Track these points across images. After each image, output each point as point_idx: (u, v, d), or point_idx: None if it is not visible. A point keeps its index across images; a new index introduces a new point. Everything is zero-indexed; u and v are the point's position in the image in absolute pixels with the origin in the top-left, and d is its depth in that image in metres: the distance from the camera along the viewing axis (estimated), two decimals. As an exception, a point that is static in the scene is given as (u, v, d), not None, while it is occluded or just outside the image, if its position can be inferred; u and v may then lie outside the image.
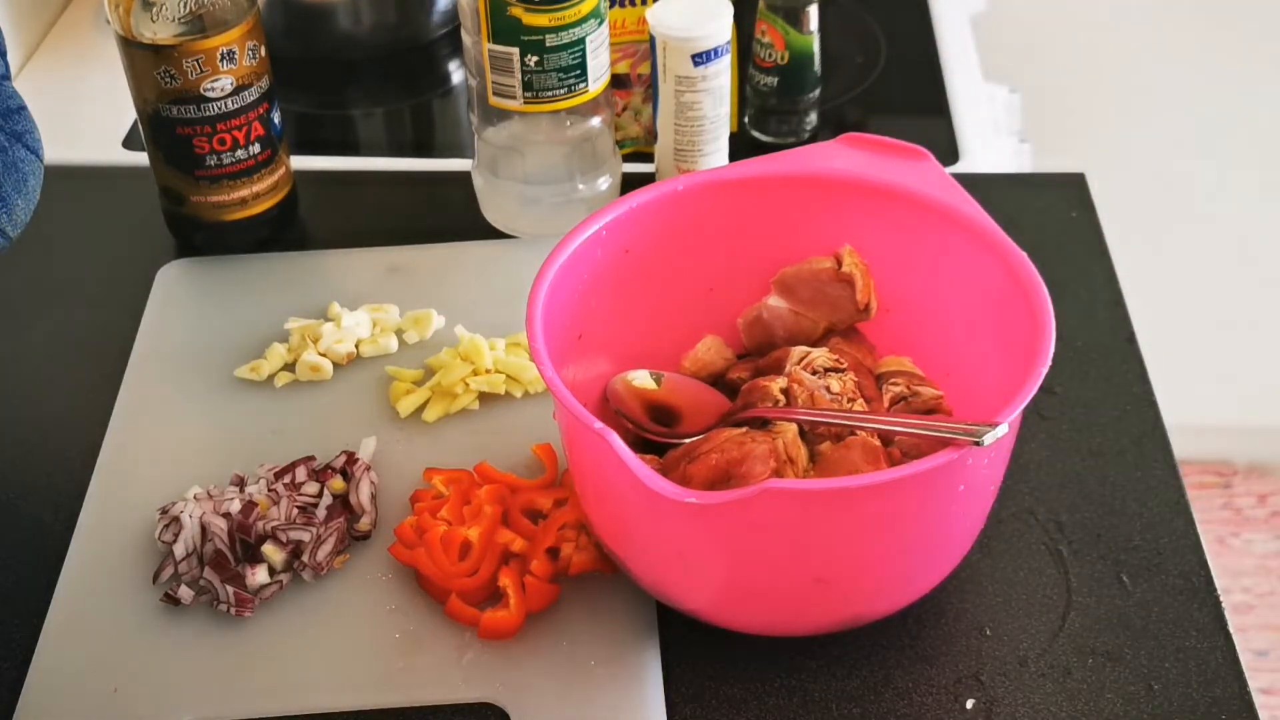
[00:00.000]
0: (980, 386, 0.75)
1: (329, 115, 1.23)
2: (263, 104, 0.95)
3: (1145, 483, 0.84)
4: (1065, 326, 0.71)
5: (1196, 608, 0.77)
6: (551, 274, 0.74)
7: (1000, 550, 0.80)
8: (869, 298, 0.81)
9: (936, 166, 0.81)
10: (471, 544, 0.77)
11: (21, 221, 0.79)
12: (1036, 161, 1.21)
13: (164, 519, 0.79)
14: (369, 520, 0.80)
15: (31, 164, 0.79)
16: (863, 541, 0.69)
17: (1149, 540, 0.80)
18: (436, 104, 1.26)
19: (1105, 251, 1.00)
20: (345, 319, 0.92)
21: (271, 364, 0.91)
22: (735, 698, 0.73)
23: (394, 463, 0.84)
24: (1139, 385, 0.90)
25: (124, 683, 0.74)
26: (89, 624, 0.77)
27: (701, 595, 0.73)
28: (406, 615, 0.76)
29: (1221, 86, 1.74)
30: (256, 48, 0.93)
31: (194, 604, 0.77)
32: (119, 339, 0.94)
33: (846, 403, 0.77)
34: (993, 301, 0.75)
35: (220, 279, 0.99)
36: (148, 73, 0.91)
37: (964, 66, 1.23)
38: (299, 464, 0.82)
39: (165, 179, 0.98)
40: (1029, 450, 0.85)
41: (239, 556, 0.78)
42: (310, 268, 1.00)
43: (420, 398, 0.88)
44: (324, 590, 0.78)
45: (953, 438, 0.66)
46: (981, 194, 0.79)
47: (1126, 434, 0.87)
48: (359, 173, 1.11)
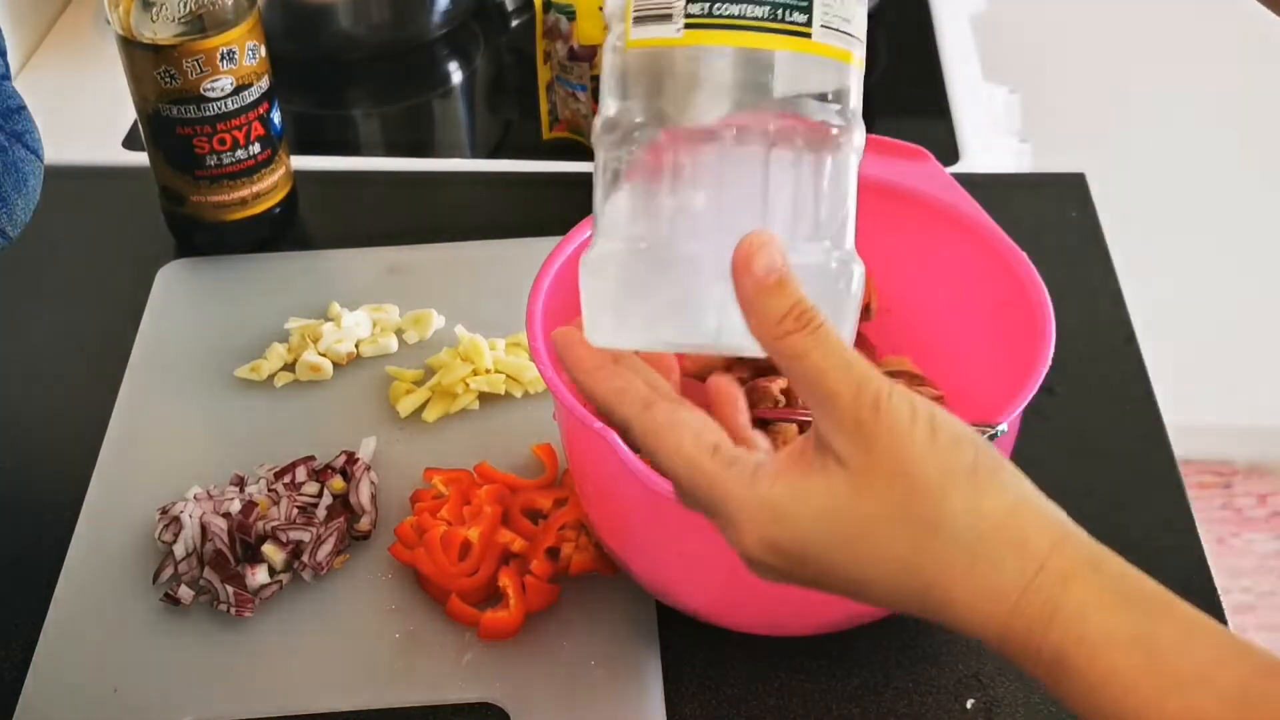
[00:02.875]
0: (980, 386, 0.75)
1: (329, 115, 1.24)
2: (263, 104, 0.95)
3: (1145, 483, 0.84)
4: (1065, 326, 0.71)
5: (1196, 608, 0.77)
6: (551, 274, 0.74)
7: (1000, 550, 0.80)
8: (869, 298, 0.81)
9: (937, 166, 0.81)
10: (471, 544, 0.77)
11: (21, 221, 0.79)
12: (1036, 161, 1.21)
13: (164, 519, 0.79)
14: (369, 520, 0.80)
15: (31, 164, 0.79)
16: (863, 541, 0.69)
17: (1149, 540, 0.80)
18: (436, 104, 1.26)
19: (1105, 251, 1.00)
20: (345, 319, 0.92)
21: (271, 364, 0.91)
22: (735, 698, 0.73)
23: (394, 463, 0.84)
24: (1139, 385, 0.90)
25: (124, 683, 0.74)
26: (89, 624, 0.77)
27: (701, 595, 0.73)
28: (406, 615, 0.76)
29: (1222, 86, 1.74)
30: (256, 48, 0.93)
31: (194, 604, 0.77)
32: (119, 339, 0.94)
33: (846, 403, 0.77)
34: (993, 301, 0.75)
35: (220, 279, 0.99)
36: (148, 73, 0.91)
37: (964, 66, 1.23)
38: (299, 464, 0.82)
39: (165, 179, 0.98)
40: (1029, 450, 0.85)
41: (239, 556, 0.78)
42: (310, 268, 1.00)
43: (420, 398, 0.88)
44: (324, 590, 0.78)
45: (953, 438, 0.66)
46: (981, 194, 0.79)
47: (1126, 434, 0.87)
48: (359, 173, 1.11)
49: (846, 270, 0.53)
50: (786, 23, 0.51)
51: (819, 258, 0.52)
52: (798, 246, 0.51)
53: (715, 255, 0.51)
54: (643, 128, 0.52)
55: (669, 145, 0.52)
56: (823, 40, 0.52)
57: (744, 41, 0.51)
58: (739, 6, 0.51)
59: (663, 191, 0.52)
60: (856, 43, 0.53)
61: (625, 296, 0.53)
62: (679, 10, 0.51)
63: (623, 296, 0.53)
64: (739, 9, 0.51)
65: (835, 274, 0.53)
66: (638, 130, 0.52)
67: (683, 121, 0.52)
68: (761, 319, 0.50)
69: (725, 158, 0.52)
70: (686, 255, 0.52)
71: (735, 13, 0.51)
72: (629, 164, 0.53)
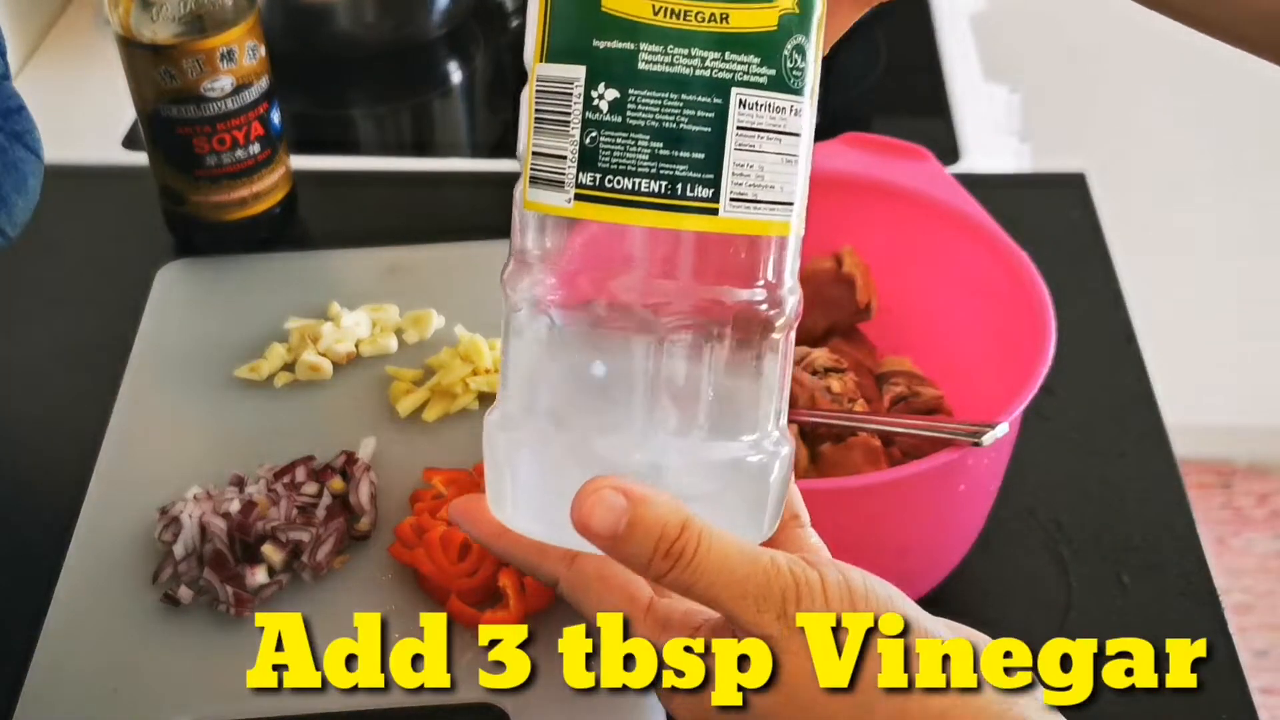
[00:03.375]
0: (980, 386, 0.75)
1: (329, 115, 1.24)
2: (262, 104, 0.95)
3: (1145, 483, 0.84)
4: (1065, 326, 0.71)
5: (1196, 608, 0.77)
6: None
7: (1000, 550, 0.80)
8: (869, 298, 0.81)
9: (937, 166, 0.81)
10: (471, 544, 0.77)
11: (21, 221, 0.79)
12: (1036, 161, 1.21)
13: (164, 519, 0.79)
14: (369, 520, 0.80)
15: (31, 164, 0.79)
16: (863, 541, 0.69)
17: (1149, 540, 0.80)
18: (436, 104, 1.26)
19: (1105, 251, 1.00)
20: (345, 319, 0.92)
21: (271, 364, 0.90)
22: (735, 698, 0.73)
23: (394, 463, 0.84)
24: (1139, 385, 0.90)
25: (124, 683, 0.73)
26: (89, 624, 0.77)
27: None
28: (406, 615, 0.76)
29: (1222, 86, 1.74)
30: (256, 48, 0.93)
31: (193, 604, 0.77)
32: (119, 339, 0.94)
33: (847, 403, 0.77)
34: (993, 301, 0.75)
35: (220, 279, 0.99)
36: (148, 73, 0.91)
37: (964, 66, 1.23)
38: (298, 464, 0.82)
39: (165, 179, 0.98)
40: (1029, 450, 0.85)
41: (238, 556, 0.78)
42: (310, 268, 0.99)
43: (420, 398, 0.88)
44: (323, 590, 0.78)
45: (953, 438, 0.66)
46: (981, 194, 0.79)
47: (1126, 434, 0.87)
48: (359, 173, 1.11)
49: (769, 462, 0.47)
50: (688, 198, 0.43)
51: (736, 453, 0.46)
52: (709, 445, 0.46)
53: (618, 451, 0.45)
54: (545, 293, 0.46)
55: (572, 323, 0.45)
56: (734, 216, 0.43)
57: (638, 220, 0.43)
58: (632, 180, 0.42)
59: (562, 374, 0.46)
60: (784, 210, 0.44)
61: (527, 478, 0.48)
62: (569, 179, 0.43)
63: (524, 477, 0.48)
64: (632, 183, 0.43)
65: (754, 469, 0.47)
66: (541, 292, 0.46)
67: (581, 298, 0.45)
68: (631, 566, 0.45)
69: (631, 346, 0.45)
70: (584, 449, 0.45)
71: (628, 186, 0.43)
72: (532, 330, 0.46)
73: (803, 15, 0.43)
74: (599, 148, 0.43)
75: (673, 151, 0.42)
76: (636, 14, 0.42)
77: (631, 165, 0.43)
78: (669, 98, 0.42)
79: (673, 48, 0.42)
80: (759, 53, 0.42)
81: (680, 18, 0.42)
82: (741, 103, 0.43)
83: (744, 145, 0.43)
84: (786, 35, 0.43)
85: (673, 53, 0.42)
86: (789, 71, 0.43)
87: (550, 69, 0.43)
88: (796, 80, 0.44)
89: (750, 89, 0.43)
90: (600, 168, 0.43)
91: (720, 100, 0.42)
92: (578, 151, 0.43)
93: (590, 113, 0.43)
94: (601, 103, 0.42)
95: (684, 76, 0.42)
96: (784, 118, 0.43)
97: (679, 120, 0.42)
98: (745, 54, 0.42)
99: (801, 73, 0.44)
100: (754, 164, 0.43)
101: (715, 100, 0.42)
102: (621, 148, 0.43)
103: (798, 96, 0.44)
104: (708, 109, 0.42)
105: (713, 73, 0.42)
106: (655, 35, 0.42)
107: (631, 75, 0.42)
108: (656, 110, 0.42)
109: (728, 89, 0.43)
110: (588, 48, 0.42)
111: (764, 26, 0.43)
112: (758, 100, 0.43)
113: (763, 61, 0.43)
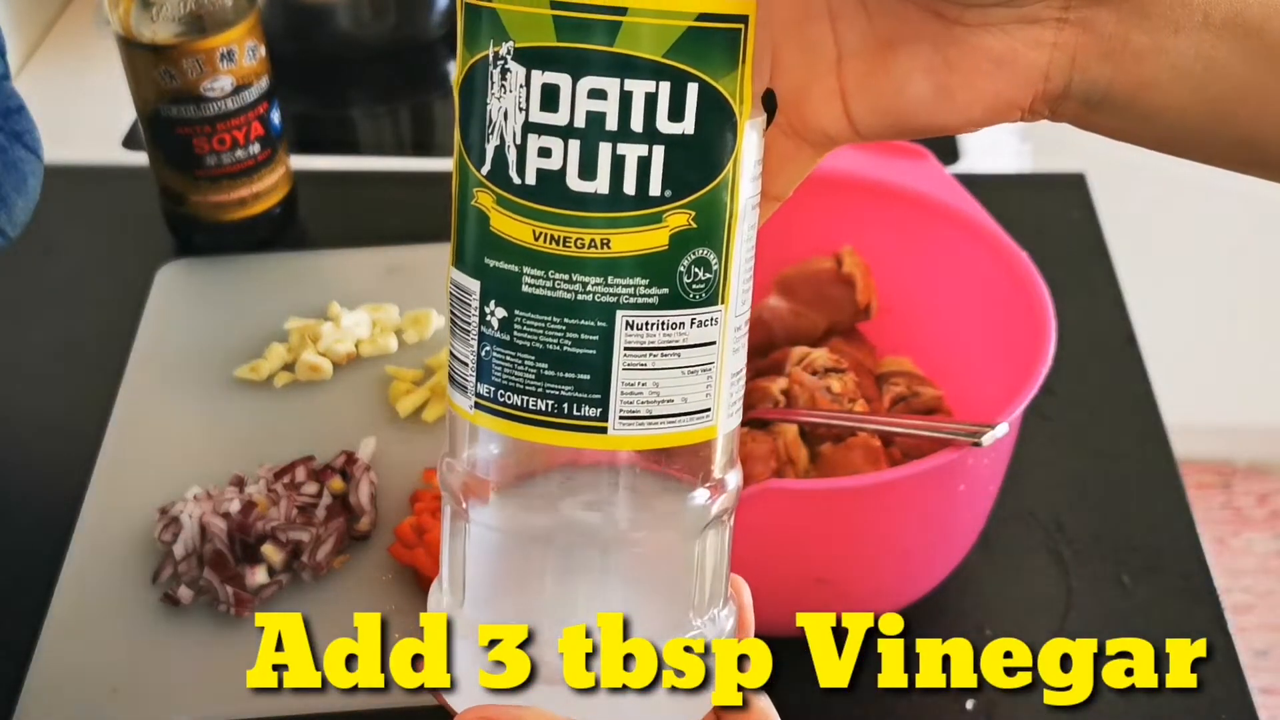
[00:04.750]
0: (980, 386, 0.75)
1: (329, 115, 1.23)
2: (262, 104, 0.95)
3: (1145, 483, 0.84)
4: (1065, 326, 0.71)
5: (1196, 608, 0.77)
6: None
7: (1000, 550, 0.80)
8: (869, 298, 0.81)
9: (937, 166, 0.81)
10: (471, 544, 0.77)
11: (21, 221, 0.79)
12: (1036, 161, 1.21)
13: (163, 519, 0.79)
14: (369, 520, 0.80)
15: (31, 164, 0.79)
16: (863, 541, 0.69)
17: (1149, 540, 0.80)
18: (436, 104, 1.26)
19: (1105, 251, 1.00)
20: (345, 319, 0.92)
21: (271, 364, 0.91)
22: (735, 698, 0.73)
23: (394, 463, 0.84)
24: (1139, 385, 0.90)
25: (124, 683, 0.74)
26: (89, 624, 0.77)
27: (701, 596, 0.72)
28: (406, 615, 0.76)
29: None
30: (256, 48, 0.93)
31: (193, 604, 0.77)
32: (119, 339, 0.94)
33: (847, 403, 0.77)
34: (993, 301, 0.75)
35: (220, 279, 0.99)
36: (148, 73, 0.91)
37: (964, 66, 1.23)
38: (298, 464, 0.82)
39: (165, 179, 0.98)
40: (1029, 450, 0.85)
41: (238, 556, 0.78)
42: (310, 268, 1.00)
43: (420, 398, 0.88)
44: (323, 590, 0.78)
45: (953, 438, 0.66)
46: (981, 194, 0.79)
47: (1126, 434, 0.87)
48: (359, 173, 1.11)
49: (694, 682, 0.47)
50: (575, 418, 0.42)
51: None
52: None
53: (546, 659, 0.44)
54: (474, 487, 0.46)
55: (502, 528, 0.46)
56: (625, 434, 0.42)
57: (530, 436, 0.42)
58: (520, 397, 0.42)
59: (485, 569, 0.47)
60: (689, 420, 0.42)
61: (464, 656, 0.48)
62: (471, 386, 0.43)
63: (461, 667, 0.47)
64: (521, 400, 0.42)
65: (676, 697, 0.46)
66: (461, 486, 0.46)
67: (505, 499, 0.45)
68: None
69: (552, 548, 0.45)
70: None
71: (517, 403, 0.42)
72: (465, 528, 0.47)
73: (703, 228, 0.42)
74: (492, 361, 0.42)
75: (558, 372, 0.42)
76: (519, 238, 0.41)
77: (520, 383, 0.42)
78: (552, 321, 0.41)
79: (554, 273, 0.41)
80: (646, 274, 0.41)
81: (561, 244, 0.41)
82: (629, 324, 0.41)
83: (634, 365, 0.42)
84: (682, 252, 0.41)
85: (554, 278, 0.41)
86: (686, 287, 0.42)
87: (457, 275, 0.43)
88: (699, 293, 0.42)
89: (638, 310, 0.41)
90: (493, 381, 0.43)
91: (605, 324, 0.41)
92: (475, 362, 0.43)
93: (484, 327, 0.42)
94: (492, 319, 0.42)
95: (566, 301, 0.41)
96: (682, 333, 0.42)
97: (562, 343, 0.41)
98: (631, 277, 0.41)
99: (706, 283, 0.42)
100: (646, 381, 0.42)
101: (599, 324, 0.41)
102: (510, 365, 0.42)
103: (700, 308, 0.42)
104: (592, 332, 0.41)
105: (595, 297, 0.41)
106: (537, 260, 0.41)
107: (517, 297, 0.42)
108: (541, 332, 0.41)
109: (612, 312, 0.41)
110: (481, 264, 0.42)
111: (652, 247, 0.41)
112: (647, 320, 0.41)
113: (652, 283, 0.41)
